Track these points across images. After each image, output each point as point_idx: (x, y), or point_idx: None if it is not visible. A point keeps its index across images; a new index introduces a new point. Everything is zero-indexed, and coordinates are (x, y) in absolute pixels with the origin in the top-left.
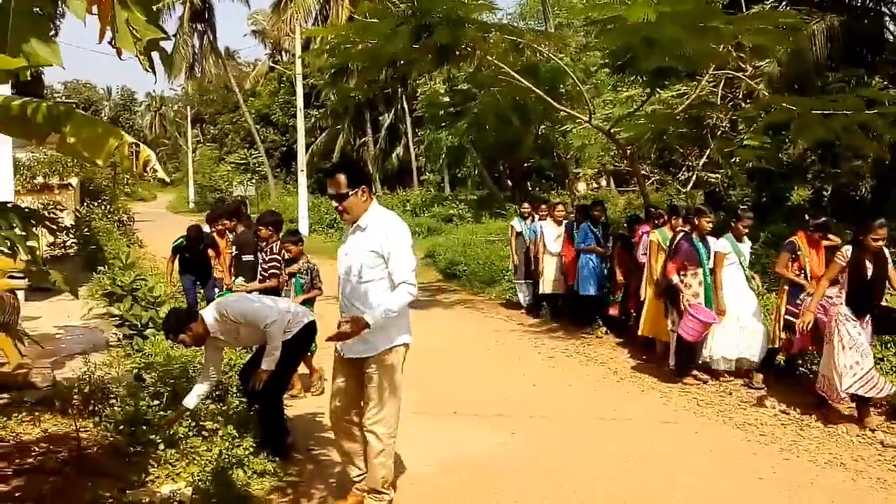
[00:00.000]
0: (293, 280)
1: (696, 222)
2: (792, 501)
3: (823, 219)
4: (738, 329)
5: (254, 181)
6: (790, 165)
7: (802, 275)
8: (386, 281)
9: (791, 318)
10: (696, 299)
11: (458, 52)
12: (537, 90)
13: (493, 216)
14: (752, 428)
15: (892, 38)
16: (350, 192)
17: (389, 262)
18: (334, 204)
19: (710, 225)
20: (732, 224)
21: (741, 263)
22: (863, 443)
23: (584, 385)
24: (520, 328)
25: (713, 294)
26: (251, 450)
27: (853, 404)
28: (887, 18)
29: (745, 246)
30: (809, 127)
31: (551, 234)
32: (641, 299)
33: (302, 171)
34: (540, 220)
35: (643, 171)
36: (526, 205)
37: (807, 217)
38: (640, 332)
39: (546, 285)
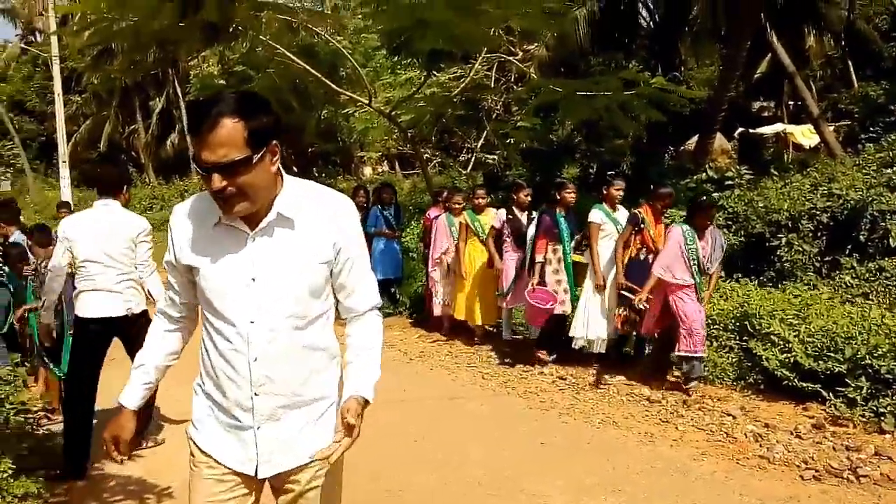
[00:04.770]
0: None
1: (559, 196)
2: (572, 462)
3: (668, 189)
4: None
5: (9, 175)
6: (559, 145)
7: (644, 248)
8: (331, 315)
9: (628, 294)
10: (557, 276)
11: (229, 31)
12: (316, 73)
13: None
14: (534, 396)
15: (644, 24)
16: (255, 155)
17: (346, 275)
18: (217, 184)
19: (573, 198)
20: (604, 192)
21: (619, 233)
22: (631, 401)
23: None
24: None
25: (591, 268)
26: (9, 472)
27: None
28: (640, 5)
29: (621, 214)
30: (575, 107)
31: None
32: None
33: (64, 162)
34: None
35: (425, 154)
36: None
37: (652, 187)
38: (454, 315)
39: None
